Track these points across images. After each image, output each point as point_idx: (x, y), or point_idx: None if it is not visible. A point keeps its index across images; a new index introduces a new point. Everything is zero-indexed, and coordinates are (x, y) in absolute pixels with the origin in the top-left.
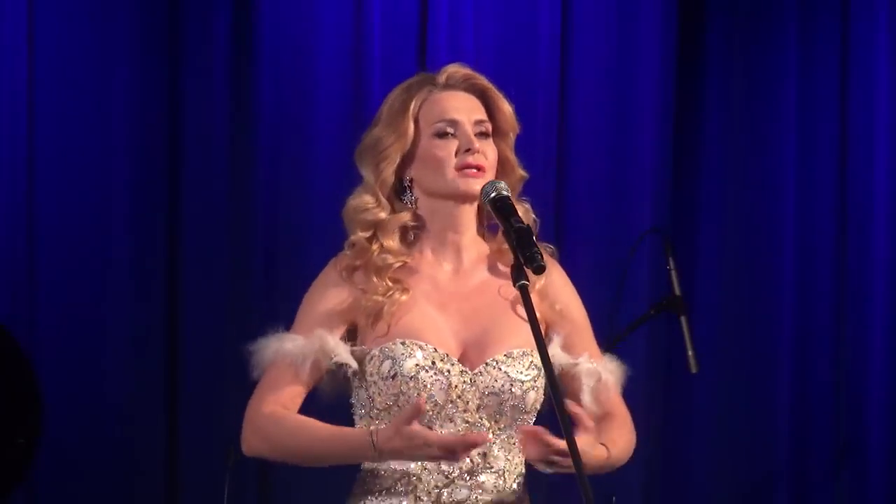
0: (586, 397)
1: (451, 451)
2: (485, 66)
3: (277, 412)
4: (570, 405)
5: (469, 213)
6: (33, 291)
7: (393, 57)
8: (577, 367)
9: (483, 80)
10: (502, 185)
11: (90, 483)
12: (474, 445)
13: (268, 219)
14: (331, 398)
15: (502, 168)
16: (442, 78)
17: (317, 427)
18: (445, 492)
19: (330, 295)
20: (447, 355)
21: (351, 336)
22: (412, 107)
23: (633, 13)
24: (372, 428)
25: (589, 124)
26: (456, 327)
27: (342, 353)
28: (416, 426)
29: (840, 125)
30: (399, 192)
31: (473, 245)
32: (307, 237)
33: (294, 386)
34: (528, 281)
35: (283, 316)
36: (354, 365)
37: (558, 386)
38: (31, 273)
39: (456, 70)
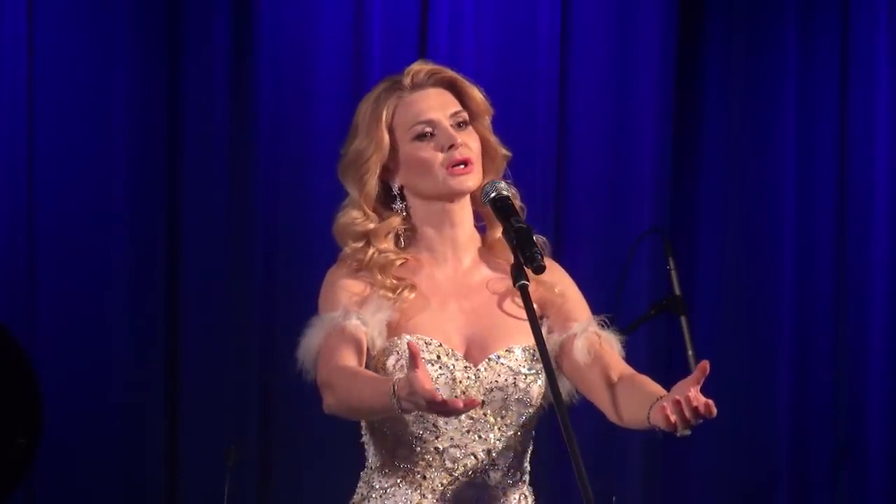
0: (579, 344)
1: (436, 408)
2: (485, 66)
3: (340, 364)
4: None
5: (464, 209)
6: (33, 291)
7: (393, 57)
8: (570, 332)
9: (448, 72)
10: (502, 184)
11: (90, 483)
12: (461, 411)
13: (268, 219)
14: None
15: (486, 152)
16: (407, 80)
17: (362, 375)
18: (450, 490)
19: (345, 285)
20: (452, 351)
21: None
22: (384, 115)
23: (633, 13)
24: (397, 377)
25: (589, 124)
26: (458, 324)
27: (381, 336)
28: (419, 372)
29: (840, 125)
30: (386, 201)
31: (471, 242)
32: (307, 237)
33: (350, 345)
34: (528, 281)
35: (283, 316)
36: (378, 344)
37: (557, 383)
38: (31, 273)
39: (419, 68)
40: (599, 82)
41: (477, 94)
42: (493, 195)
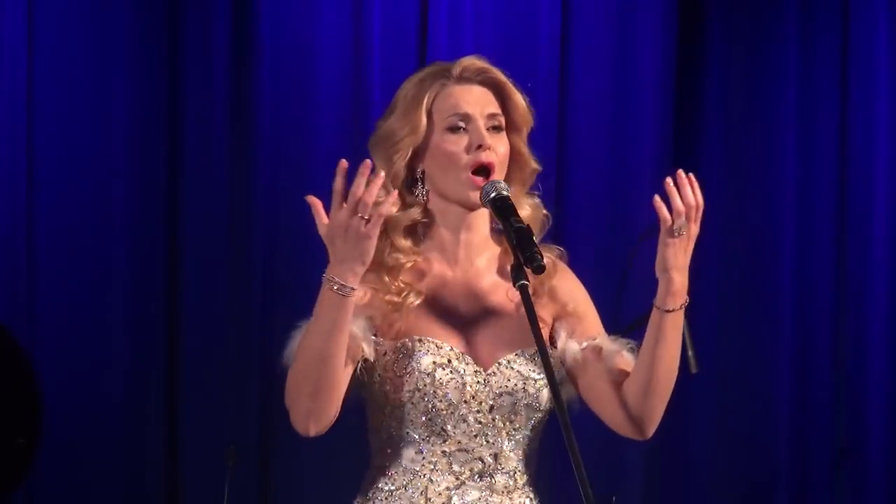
0: (609, 364)
1: (352, 197)
2: None
3: None
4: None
5: (480, 215)
6: (33, 291)
7: (393, 57)
8: (595, 343)
9: (498, 74)
10: (502, 184)
11: (90, 483)
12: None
13: (267, 219)
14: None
15: (515, 162)
16: (456, 70)
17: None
18: (456, 493)
19: None
20: (462, 355)
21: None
22: (426, 100)
23: (633, 13)
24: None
25: (589, 124)
26: (467, 328)
27: (367, 340)
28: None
29: (840, 125)
30: (410, 184)
31: (485, 246)
32: (307, 237)
33: None
34: (528, 281)
35: (283, 317)
36: (372, 356)
37: (556, 383)
38: (31, 273)
39: (471, 63)
40: (599, 82)
41: (522, 103)
42: (493, 195)
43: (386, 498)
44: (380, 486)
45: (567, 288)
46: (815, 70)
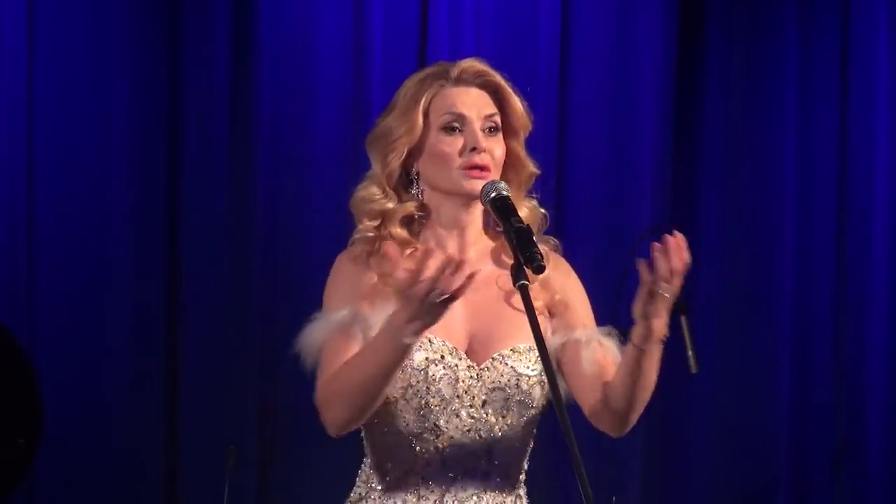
0: (586, 355)
1: (437, 279)
2: None
3: (332, 374)
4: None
5: (474, 210)
6: (33, 291)
7: (393, 57)
8: (574, 337)
9: (496, 78)
10: (502, 184)
11: (90, 483)
12: (456, 265)
13: (267, 219)
14: None
15: (513, 165)
16: (455, 72)
17: (356, 353)
18: (448, 490)
19: (353, 277)
20: (455, 349)
21: None
22: (423, 100)
23: (633, 13)
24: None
25: (589, 124)
26: (462, 321)
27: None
28: (396, 273)
29: (840, 125)
30: (406, 183)
31: (479, 240)
32: (306, 237)
33: (353, 351)
34: (528, 281)
35: (283, 316)
36: None
37: (557, 385)
38: (31, 273)
39: (470, 65)
40: (599, 82)
41: (519, 107)
42: (492, 195)
43: (379, 495)
44: (373, 484)
45: (559, 277)
46: (815, 70)
